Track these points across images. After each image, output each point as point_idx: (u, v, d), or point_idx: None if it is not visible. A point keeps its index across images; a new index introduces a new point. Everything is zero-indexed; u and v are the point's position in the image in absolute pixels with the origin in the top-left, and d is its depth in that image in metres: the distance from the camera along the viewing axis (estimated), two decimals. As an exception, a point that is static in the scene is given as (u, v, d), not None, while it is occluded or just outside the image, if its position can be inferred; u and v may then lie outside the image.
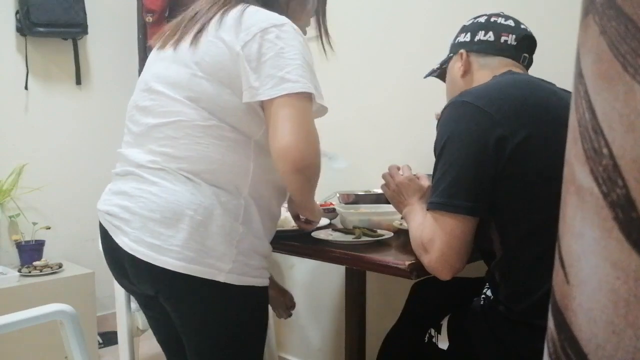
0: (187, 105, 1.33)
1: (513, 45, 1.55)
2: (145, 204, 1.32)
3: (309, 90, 1.29)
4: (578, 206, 0.52)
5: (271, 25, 1.30)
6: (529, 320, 1.30)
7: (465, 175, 1.28)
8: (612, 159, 0.48)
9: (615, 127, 0.48)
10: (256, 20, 1.32)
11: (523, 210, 1.29)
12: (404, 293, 1.91)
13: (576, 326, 0.51)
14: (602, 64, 0.49)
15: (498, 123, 1.27)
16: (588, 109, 0.50)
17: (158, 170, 1.34)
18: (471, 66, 1.60)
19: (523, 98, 1.33)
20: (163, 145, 1.35)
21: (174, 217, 1.29)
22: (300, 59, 1.29)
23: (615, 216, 0.48)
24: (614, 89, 0.48)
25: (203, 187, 1.32)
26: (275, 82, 1.26)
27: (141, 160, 1.37)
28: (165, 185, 1.32)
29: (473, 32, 1.61)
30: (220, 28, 1.34)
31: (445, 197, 1.29)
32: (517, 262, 1.33)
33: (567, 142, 0.54)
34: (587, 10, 0.52)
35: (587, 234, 0.50)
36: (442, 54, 1.76)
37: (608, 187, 0.49)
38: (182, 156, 1.33)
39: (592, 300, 0.50)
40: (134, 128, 1.44)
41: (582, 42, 0.53)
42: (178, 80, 1.35)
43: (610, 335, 0.48)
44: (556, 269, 0.55)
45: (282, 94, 1.26)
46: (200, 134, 1.32)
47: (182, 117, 1.33)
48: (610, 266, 0.48)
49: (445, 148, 1.32)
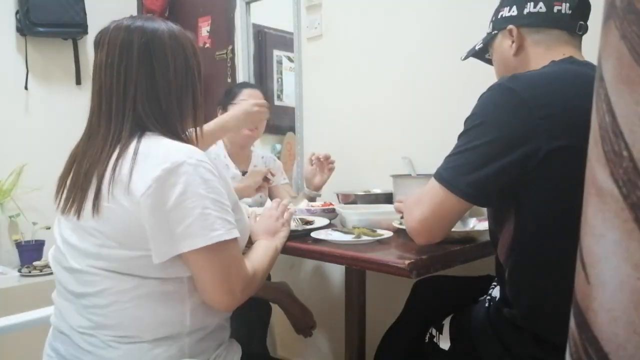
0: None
1: (568, 15, 1.42)
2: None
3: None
4: (599, 208, 0.52)
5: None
6: (531, 327, 1.29)
7: (484, 164, 1.22)
8: (632, 162, 0.49)
9: (636, 130, 0.48)
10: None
11: (544, 212, 1.24)
12: (404, 293, 1.91)
13: (597, 326, 0.51)
14: (622, 68, 0.50)
15: (537, 126, 1.19)
16: (608, 112, 0.51)
17: (89, 337, 1.27)
18: (524, 42, 1.46)
19: (576, 103, 1.20)
20: (92, 313, 1.27)
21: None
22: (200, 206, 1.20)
23: (635, 218, 0.49)
24: (635, 92, 0.48)
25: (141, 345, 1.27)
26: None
27: (73, 322, 1.31)
28: (98, 354, 1.26)
29: (520, 5, 1.46)
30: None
31: (451, 175, 1.26)
32: (527, 261, 1.29)
33: (589, 144, 0.55)
34: (608, 15, 0.52)
35: (608, 235, 0.51)
36: (442, 53, 1.75)
37: (628, 189, 0.49)
38: (112, 324, 1.26)
39: (613, 300, 0.50)
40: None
41: (603, 46, 0.53)
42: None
43: (631, 335, 0.49)
44: (577, 270, 0.55)
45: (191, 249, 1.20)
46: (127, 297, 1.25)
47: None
48: (632, 267, 0.49)
49: (475, 130, 1.26)
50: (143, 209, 1.16)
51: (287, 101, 3.36)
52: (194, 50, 1.38)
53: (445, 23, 2.36)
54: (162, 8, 3.65)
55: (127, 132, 1.25)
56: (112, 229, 1.21)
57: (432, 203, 1.28)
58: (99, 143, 1.26)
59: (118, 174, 1.19)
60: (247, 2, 3.32)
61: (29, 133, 3.33)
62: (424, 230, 1.32)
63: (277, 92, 3.47)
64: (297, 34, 2.98)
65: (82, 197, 1.24)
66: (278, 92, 3.48)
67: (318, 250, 1.54)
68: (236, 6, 3.34)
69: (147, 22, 1.32)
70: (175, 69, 1.31)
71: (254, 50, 3.38)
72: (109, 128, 1.27)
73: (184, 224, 1.17)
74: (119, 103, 1.27)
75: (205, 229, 1.18)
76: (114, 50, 1.28)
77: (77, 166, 1.30)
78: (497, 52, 1.56)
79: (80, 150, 1.32)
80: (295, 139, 3.06)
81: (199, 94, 1.39)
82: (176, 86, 1.32)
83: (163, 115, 1.30)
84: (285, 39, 3.20)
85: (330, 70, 2.85)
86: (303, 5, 2.94)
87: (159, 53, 1.29)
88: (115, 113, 1.27)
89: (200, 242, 1.18)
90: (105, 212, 1.20)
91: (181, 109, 1.34)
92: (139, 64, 1.27)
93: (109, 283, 1.23)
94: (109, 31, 1.31)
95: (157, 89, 1.29)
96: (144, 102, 1.27)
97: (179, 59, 1.32)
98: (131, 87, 1.27)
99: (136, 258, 1.22)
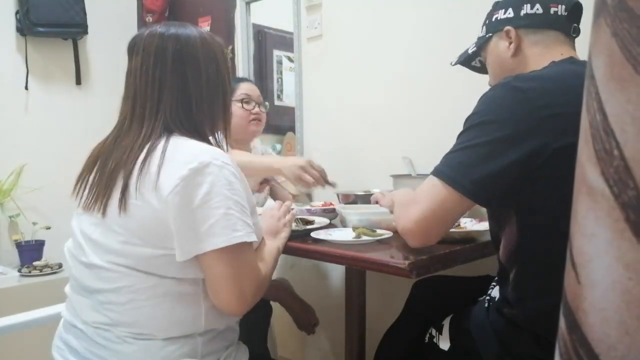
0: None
1: (564, 16, 1.44)
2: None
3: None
4: (590, 207, 0.52)
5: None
6: (533, 327, 1.28)
7: (488, 161, 1.21)
8: (623, 160, 0.49)
9: (627, 129, 0.48)
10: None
11: (547, 213, 1.23)
12: (404, 293, 1.91)
13: (588, 327, 0.51)
14: (613, 66, 0.50)
15: (544, 125, 1.19)
16: (599, 110, 0.51)
17: (104, 332, 1.29)
18: (521, 43, 1.47)
19: (577, 105, 1.22)
20: (107, 309, 1.29)
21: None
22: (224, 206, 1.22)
23: (626, 217, 0.49)
24: (626, 91, 0.48)
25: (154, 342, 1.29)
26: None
27: (87, 317, 1.32)
28: (112, 348, 1.28)
29: (516, 7, 1.47)
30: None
31: (454, 171, 1.23)
32: (530, 263, 1.29)
33: (579, 143, 0.54)
34: (598, 11, 0.52)
35: (599, 234, 0.51)
36: (442, 53, 1.75)
37: (619, 188, 0.49)
38: (128, 321, 1.28)
39: (604, 300, 0.50)
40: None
41: (593, 44, 0.53)
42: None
43: (623, 335, 0.48)
44: (567, 270, 0.55)
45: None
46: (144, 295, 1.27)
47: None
48: (623, 267, 0.48)
49: (481, 127, 1.25)
50: (170, 207, 1.19)
51: (287, 101, 3.36)
52: (224, 55, 1.43)
53: (445, 23, 2.36)
54: (162, 8, 3.65)
55: (156, 134, 1.28)
56: (137, 226, 1.23)
57: (431, 201, 1.25)
58: (128, 144, 1.29)
59: (146, 172, 1.22)
60: (247, 2, 3.32)
61: (29, 133, 3.34)
62: (420, 231, 1.28)
63: (277, 92, 3.47)
64: (297, 34, 2.98)
65: (107, 195, 1.27)
66: (278, 92, 3.48)
67: (318, 250, 1.54)
68: (236, 6, 3.34)
69: (181, 29, 1.36)
70: (207, 75, 1.36)
71: (254, 50, 3.38)
72: (139, 131, 1.30)
73: (207, 223, 1.19)
74: (152, 108, 1.31)
75: (227, 229, 1.20)
76: (149, 57, 1.32)
77: (101, 164, 1.33)
78: (492, 54, 1.56)
79: (105, 150, 1.35)
80: (295, 139, 3.06)
81: (229, 97, 1.45)
82: (208, 92, 1.36)
83: (194, 120, 1.34)
84: (285, 39, 3.19)
85: (330, 70, 2.85)
86: (303, 5, 2.94)
87: (192, 60, 1.34)
88: (148, 117, 1.31)
89: (222, 242, 1.20)
90: (132, 209, 1.23)
91: (212, 113, 1.38)
92: (172, 70, 1.32)
93: (127, 280, 1.25)
94: (143, 37, 1.35)
95: (190, 95, 1.33)
96: (176, 107, 1.31)
97: (211, 65, 1.37)
98: (164, 93, 1.31)
99: (158, 257, 1.24)
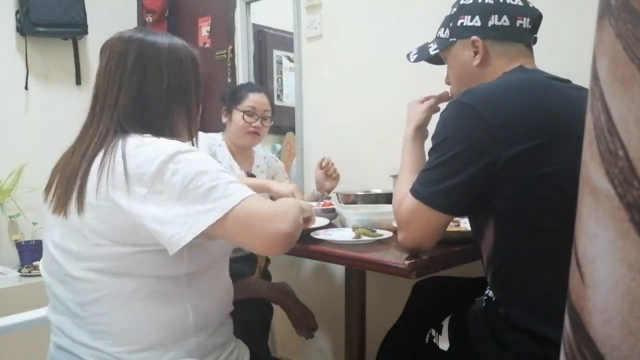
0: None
1: (528, 29, 1.49)
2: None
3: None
4: (594, 207, 0.52)
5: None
6: (522, 325, 1.30)
7: (452, 177, 1.29)
8: (627, 161, 0.49)
9: (631, 129, 0.48)
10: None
11: (520, 216, 1.29)
12: (404, 293, 1.91)
13: (592, 327, 0.51)
14: (617, 67, 0.50)
15: (495, 135, 1.25)
16: (604, 111, 0.51)
17: (95, 351, 1.27)
18: (488, 54, 1.50)
19: (530, 107, 1.28)
20: (91, 323, 1.27)
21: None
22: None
23: (631, 218, 0.48)
24: (630, 91, 0.48)
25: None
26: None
27: (75, 337, 1.30)
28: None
29: (483, 16, 1.49)
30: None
31: (428, 191, 1.33)
32: (511, 265, 1.33)
33: (584, 143, 0.54)
34: (602, 12, 0.52)
35: (603, 235, 0.51)
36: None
37: (624, 189, 0.49)
38: (115, 331, 1.26)
39: (607, 301, 0.50)
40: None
41: (597, 45, 0.53)
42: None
43: (626, 336, 0.48)
44: (572, 270, 0.55)
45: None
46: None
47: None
48: (627, 268, 0.48)
49: (440, 146, 1.32)
50: (149, 205, 1.17)
51: (287, 101, 3.37)
52: (194, 65, 1.43)
53: (445, 23, 2.36)
54: (162, 8, 3.65)
55: (112, 133, 1.28)
56: (105, 227, 1.21)
57: (417, 222, 1.36)
58: (85, 144, 1.30)
59: (109, 172, 1.20)
60: (247, 2, 3.32)
61: (29, 133, 3.34)
62: (417, 246, 1.40)
63: (277, 92, 3.48)
64: (297, 34, 2.98)
65: (67, 195, 1.26)
66: (278, 92, 3.48)
67: (318, 250, 1.54)
68: (236, 6, 3.34)
69: (149, 35, 1.38)
70: (168, 79, 1.36)
71: (254, 50, 3.38)
72: (97, 130, 1.31)
73: (198, 203, 1.17)
74: (110, 107, 1.32)
75: (217, 200, 1.17)
76: (113, 58, 1.35)
77: (63, 166, 1.33)
78: (455, 60, 1.59)
79: (68, 152, 1.35)
80: (295, 139, 3.06)
81: (193, 107, 1.44)
82: (168, 96, 1.36)
83: (150, 121, 1.34)
84: (285, 39, 3.20)
85: (330, 70, 2.85)
86: (303, 5, 2.94)
87: (153, 64, 1.35)
88: (105, 116, 1.32)
89: (218, 214, 1.17)
90: (95, 210, 1.21)
91: (171, 119, 1.38)
92: (132, 71, 1.33)
93: (106, 289, 1.24)
94: (112, 40, 1.38)
95: (146, 96, 1.34)
96: (132, 107, 1.32)
97: (174, 71, 1.37)
98: (122, 93, 1.32)
99: (130, 254, 1.22)
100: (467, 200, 1.32)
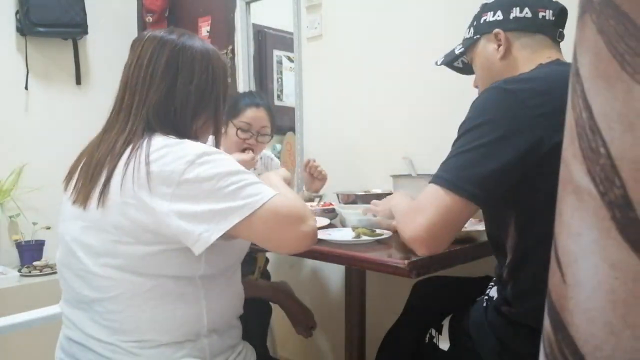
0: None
1: (551, 21, 1.47)
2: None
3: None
4: (576, 206, 0.51)
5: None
6: (530, 323, 1.29)
7: (485, 163, 1.21)
8: (609, 159, 0.48)
9: (614, 127, 0.47)
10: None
11: (546, 212, 1.24)
12: (404, 293, 1.91)
13: (573, 327, 0.50)
14: (600, 63, 0.49)
15: (537, 123, 1.21)
16: (585, 108, 0.50)
17: (108, 345, 1.27)
18: (511, 46, 1.49)
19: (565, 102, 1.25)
20: (107, 319, 1.27)
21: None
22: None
23: (613, 216, 0.48)
24: (612, 88, 0.48)
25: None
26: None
27: (89, 331, 1.31)
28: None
29: (505, 10, 1.49)
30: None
31: (453, 176, 1.23)
32: (529, 262, 1.30)
33: (564, 141, 0.54)
34: (584, 8, 0.51)
35: (585, 234, 0.50)
36: (443, 53, 1.74)
37: (606, 187, 0.48)
38: (130, 328, 1.27)
39: (590, 300, 0.49)
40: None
41: (579, 41, 0.52)
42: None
43: (608, 335, 0.48)
44: (552, 269, 0.54)
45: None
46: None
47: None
48: (609, 267, 0.48)
49: (475, 130, 1.26)
50: (177, 203, 1.17)
51: (287, 101, 3.36)
52: (224, 73, 1.45)
53: (446, 22, 2.35)
54: (162, 8, 3.65)
55: (140, 131, 1.29)
56: (130, 224, 1.21)
57: (437, 208, 1.23)
58: (113, 137, 1.30)
59: (134, 170, 1.21)
60: (247, 2, 3.31)
61: (29, 133, 3.34)
62: (430, 238, 1.25)
63: (277, 92, 3.46)
64: (297, 34, 2.98)
65: (91, 187, 1.26)
66: (278, 92, 3.47)
67: (318, 250, 1.53)
68: (236, 6, 3.33)
69: (184, 38, 1.39)
70: (198, 83, 1.36)
71: (254, 50, 3.38)
72: (124, 125, 1.31)
73: (224, 201, 1.18)
74: (140, 102, 1.32)
75: (246, 198, 1.18)
76: (146, 53, 1.35)
77: (88, 157, 1.33)
78: (480, 56, 1.57)
79: (93, 143, 1.35)
80: (295, 139, 3.06)
81: (220, 114, 1.45)
82: (196, 99, 1.36)
83: (177, 123, 1.34)
84: (285, 39, 3.19)
85: (330, 70, 2.84)
86: (303, 5, 2.94)
87: (186, 66, 1.35)
88: (134, 110, 1.32)
89: (246, 211, 1.18)
90: (120, 207, 1.21)
91: (196, 121, 1.38)
92: (164, 70, 1.33)
93: (123, 287, 1.24)
94: (146, 36, 1.38)
95: (175, 97, 1.34)
96: (160, 105, 1.32)
97: (205, 76, 1.38)
98: (152, 89, 1.32)
99: (152, 254, 1.22)
100: (498, 191, 1.24)
